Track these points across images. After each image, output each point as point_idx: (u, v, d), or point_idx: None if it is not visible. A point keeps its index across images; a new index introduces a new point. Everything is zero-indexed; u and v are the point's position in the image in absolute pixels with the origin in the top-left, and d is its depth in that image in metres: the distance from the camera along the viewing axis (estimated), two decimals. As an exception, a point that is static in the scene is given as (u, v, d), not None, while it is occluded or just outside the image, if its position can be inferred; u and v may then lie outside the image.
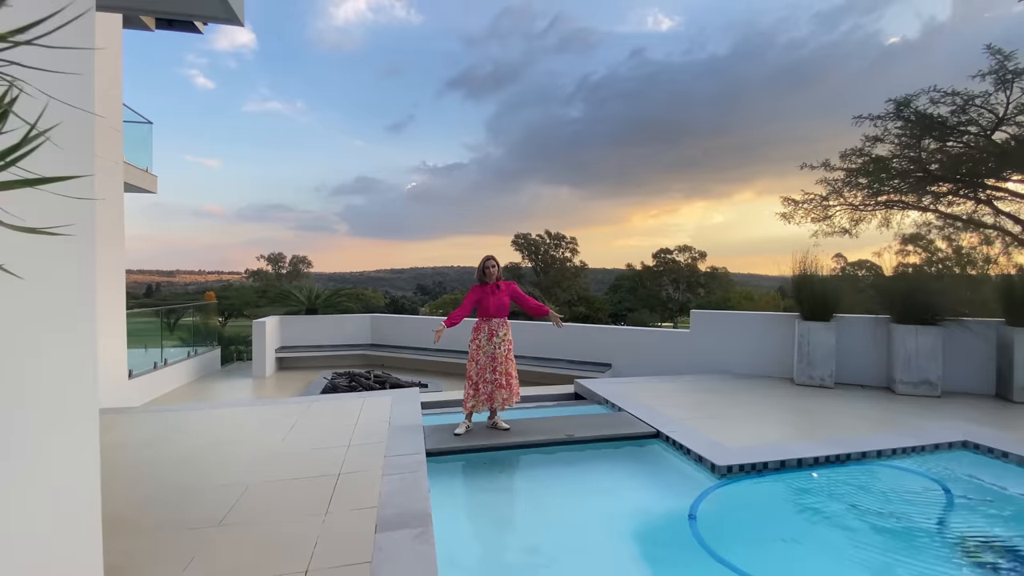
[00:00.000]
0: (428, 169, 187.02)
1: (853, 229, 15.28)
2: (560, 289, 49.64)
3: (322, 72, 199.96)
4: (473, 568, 2.99)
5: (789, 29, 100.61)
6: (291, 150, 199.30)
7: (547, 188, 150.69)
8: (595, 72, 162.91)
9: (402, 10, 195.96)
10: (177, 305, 10.89)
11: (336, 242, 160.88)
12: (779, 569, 2.89)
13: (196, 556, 2.65)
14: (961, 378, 6.55)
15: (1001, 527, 3.41)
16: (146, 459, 4.16)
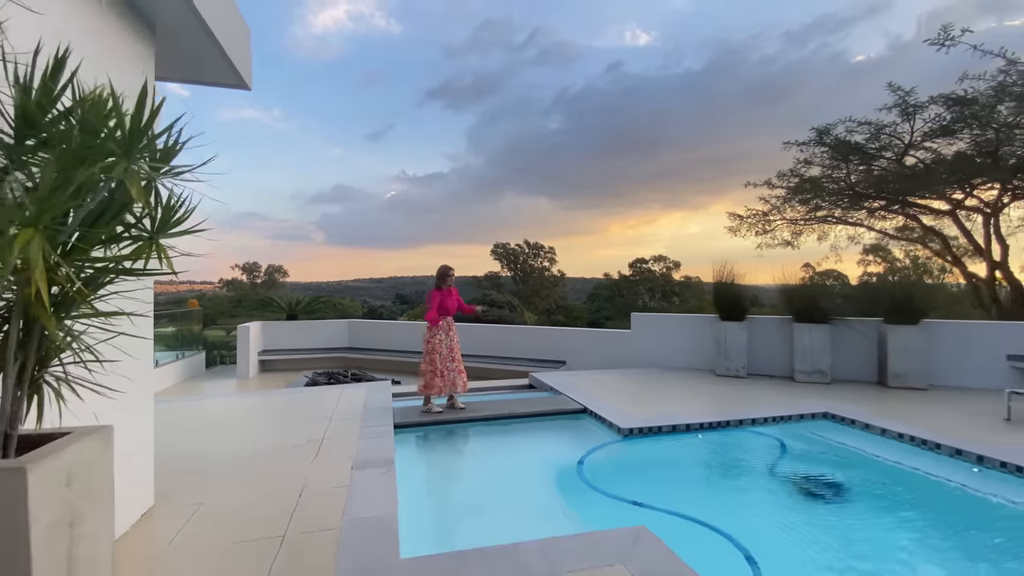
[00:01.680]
0: (408, 178, 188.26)
1: (795, 241, 16.87)
2: (539, 298, 50.76)
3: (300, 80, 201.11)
4: (424, 497, 3.99)
5: (760, 46, 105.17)
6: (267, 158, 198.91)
7: (527, 198, 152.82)
8: (574, 85, 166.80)
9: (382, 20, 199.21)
10: (166, 312, 11.60)
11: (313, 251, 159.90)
12: (647, 494, 3.96)
13: (219, 491, 3.60)
14: (851, 368, 7.82)
15: (828, 468, 4.56)
16: (166, 431, 5.05)
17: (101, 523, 1.80)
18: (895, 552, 3.23)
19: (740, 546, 2.96)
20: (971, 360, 7.30)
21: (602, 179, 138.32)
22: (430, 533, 3.34)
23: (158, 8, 3.15)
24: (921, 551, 3.26)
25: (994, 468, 4.24)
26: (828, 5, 50.01)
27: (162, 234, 1.81)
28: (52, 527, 1.55)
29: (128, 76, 3.03)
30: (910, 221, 15.20)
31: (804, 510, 3.80)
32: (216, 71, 3.94)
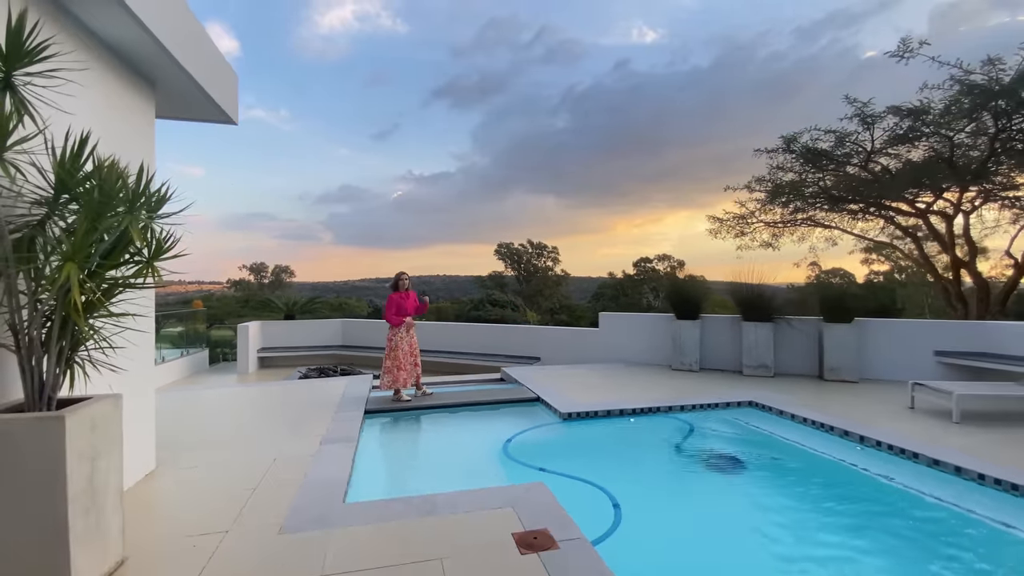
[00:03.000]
0: (414, 178, 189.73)
1: (775, 243, 17.50)
2: (542, 297, 51.39)
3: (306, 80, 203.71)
4: (381, 466, 4.76)
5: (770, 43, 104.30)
6: (275, 159, 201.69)
7: (533, 197, 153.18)
8: (580, 83, 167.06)
9: (388, 20, 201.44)
10: (172, 312, 12.48)
11: (320, 251, 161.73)
12: (563, 464, 4.70)
13: (210, 459, 4.40)
14: (794, 363, 8.51)
15: (736, 447, 5.27)
16: (172, 415, 5.87)
17: (113, 460, 2.58)
18: (752, 507, 3.95)
19: (611, 496, 3.71)
20: (902, 356, 7.96)
21: (608, 177, 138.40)
22: (379, 490, 4.08)
23: (157, 70, 3.93)
24: (781, 509, 3.97)
25: (871, 447, 4.94)
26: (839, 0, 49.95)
27: (155, 259, 2.59)
28: (80, 457, 2.33)
29: (135, 120, 3.84)
30: (887, 223, 15.80)
31: (692, 476, 4.52)
32: (206, 111, 4.74)
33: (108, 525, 2.54)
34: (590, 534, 3.20)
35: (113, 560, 2.58)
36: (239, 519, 3.19)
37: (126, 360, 3.30)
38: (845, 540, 3.46)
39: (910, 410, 6.07)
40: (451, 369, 10.80)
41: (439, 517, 3.20)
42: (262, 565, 2.68)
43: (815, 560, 3.21)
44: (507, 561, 2.68)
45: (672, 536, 3.48)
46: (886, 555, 3.30)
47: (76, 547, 2.28)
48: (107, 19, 3.17)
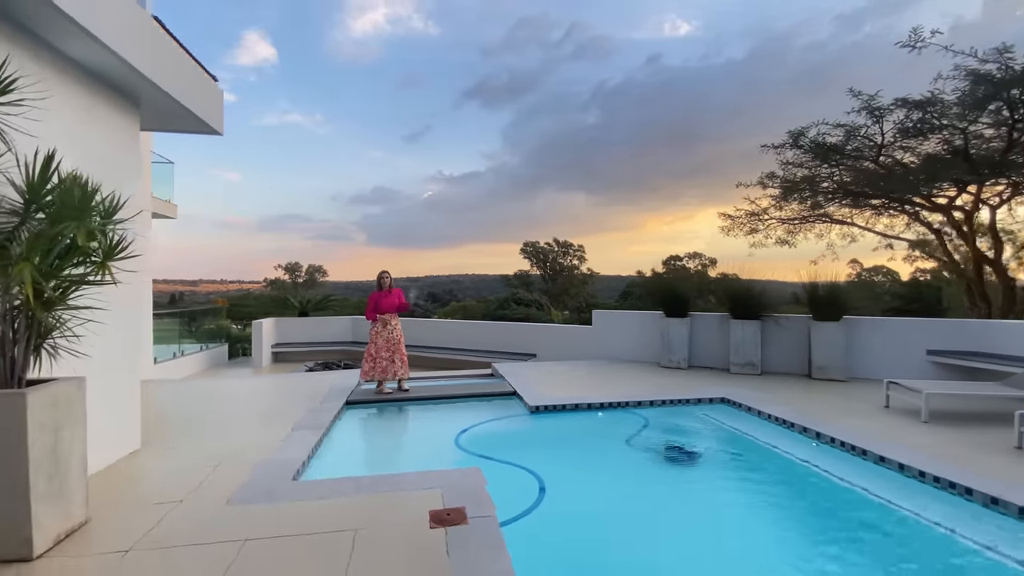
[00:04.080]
0: (444, 178, 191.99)
1: (791, 240, 17.13)
2: (568, 296, 51.40)
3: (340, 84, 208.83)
4: (345, 451, 5.09)
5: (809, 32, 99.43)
6: (310, 161, 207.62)
7: (562, 195, 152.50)
8: (611, 79, 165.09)
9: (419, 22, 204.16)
10: (193, 309, 13.28)
11: (355, 251, 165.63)
12: (517, 454, 4.93)
13: (190, 441, 4.84)
14: (783, 361, 8.46)
15: (697, 441, 5.38)
16: (174, 402, 6.40)
17: (76, 433, 2.98)
18: (688, 496, 4.11)
19: (540, 481, 3.94)
20: (893, 354, 7.83)
21: (639, 174, 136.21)
22: (334, 472, 4.38)
23: (140, 91, 4.37)
24: (714, 500, 4.10)
25: (826, 443, 4.98)
26: (885, -16, 46.98)
27: (108, 259, 2.98)
28: (42, 429, 2.73)
29: (116, 136, 4.29)
30: (912, 219, 15.28)
31: (638, 466, 4.69)
32: (189, 124, 5.20)
33: (72, 489, 2.94)
34: (510, 512, 3.45)
35: (77, 520, 2.99)
36: (196, 491, 3.58)
37: (111, 351, 3.74)
38: (761, 529, 3.59)
39: (884, 409, 6.03)
40: (450, 365, 11.14)
41: (374, 495, 3.51)
42: (200, 529, 3.04)
43: (724, 547, 3.36)
44: (414, 533, 2.95)
45: (590, 516, 3.68)
46: (794, 544, 3.41)
47: (37, 504, 2.68)
48: (84, 50, 3.59)
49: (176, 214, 11.76)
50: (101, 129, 4.08)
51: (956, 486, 3.78)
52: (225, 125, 5.53)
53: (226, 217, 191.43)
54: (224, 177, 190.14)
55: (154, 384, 7.83)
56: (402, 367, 6.90)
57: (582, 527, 3.53)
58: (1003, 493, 3.52)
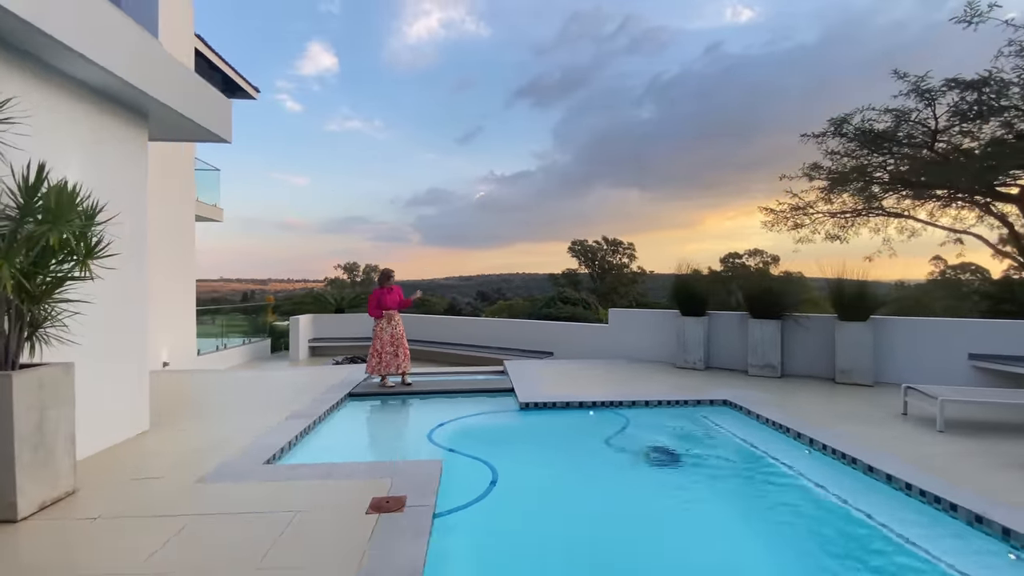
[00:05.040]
0: (495, 178, 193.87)
1: (843, 235, 16.01)
2: (617, 295, 50.48)
3: (398, 90, 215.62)
4: (330, 439, 5.31)
5: (888, 10, 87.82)
6: (369, 165, 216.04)
7: (614, 192, 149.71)
8: (667, 71, 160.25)
9: (472, 24, 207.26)
10: (236, 305, 14.26)
11: (411, 252, 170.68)
12: (492, 450, 4.98)
13: (197, 425, 5.27)
14: (806, 364, 7.98)
15: (687, 443, 5.22)
16: (201, 386, 6.97)
17: (63, 412, 3.36)
18: (657, 496, 4.02)
19: (495, 474, 3.99)
20: (929, 358, 7.20)
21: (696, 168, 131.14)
22: (311, 458, 4.62)
23: (148, 106, 4.81)
24: (687, 502, 3.98)
25: (818, 450, 4.69)
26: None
27: (88, 258, 3.33)
28: (29, 407, 3.10)
29: (124, 148, 4.74)
30: (982, 211, 13.90)
31: (611, 465, 4.62)
32: (196, 134, 5.66)
33: (57, 462, 3.33)
34: (457, 501, 3.55)
35: (63, 489, 3.37)
36: (177, 469, 3.92)
37: (119, 343, 4.18)
38: (721, 535, 3.47)
39: (901, 416, 5.59)
40: (467, 361, 11.34)
41: (330, 480, 3.70)
42: (164, 503, 3.34)
43: (670, 551, 3.28)
44: (349, 518, 3.10)
45: (540, 511, 3.70)
46: (751, 552, 3.28)
47: (22, 474, 3.05)
48: (88, 73, 4.01)
49: (222, 217, 12.69)
50: (111, 143, 4.53)
51: (941, 501, 3.48)
52: (291, 132, 6.05)
53: (292, 219, 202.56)
54: (292, 182, 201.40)
55: (192, 374, 8.53)
56: (404, 360, 7.14)
57: (526, 520, 3.56)
58: (987, 511, 3.21)
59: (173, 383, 7.44)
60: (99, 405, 4.29)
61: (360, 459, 4.49)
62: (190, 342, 10.45)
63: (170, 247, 9.87)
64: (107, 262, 3.52)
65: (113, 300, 4.41)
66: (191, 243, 10.70)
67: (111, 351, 4.46)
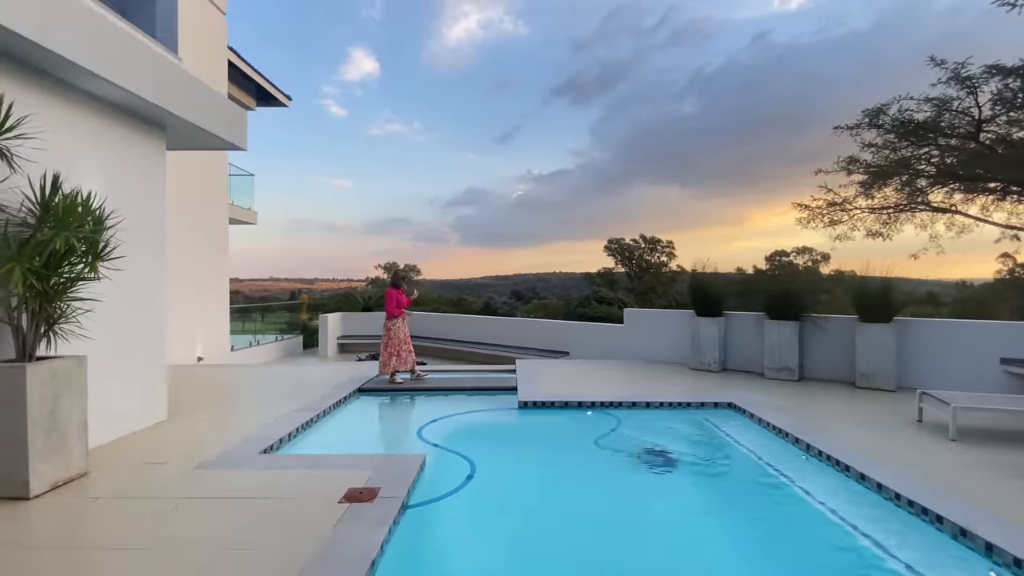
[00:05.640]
0: (533, 177, 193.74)
1: (886, 232, 15.16)
2: (655, 295, 49.43)
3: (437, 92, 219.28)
4: (328, 432, 5.54)
5: None
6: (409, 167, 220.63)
7: (654, 189, 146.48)
8: (710, 63, 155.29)
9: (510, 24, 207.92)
10: (270, 304, 14.95)
11: (449, 251, 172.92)
12: (479, 443, 5.07)
13: (213, 415, 5.63)
14: (826, 367, 7.66)
15: (683, 446, 5.14)
16: (224, 380, 7.41)
17: (75, 401, 3.69)
18: (638, 499, 4.00)
19: (473, 467, 4.09)
20: (958, 363, 6.77)
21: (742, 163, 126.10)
22: (305, 449, 4.84)
23: (166, 119, 5.18)
24: (672, 505, 3.96)
25: (814, 456, 4.53)
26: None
27: (97, 260, 3.65)
28: (43, 396, 3.44)
29: (145, 154, 5.12)
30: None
31: (603, 466, 4.61)
32: (212, 143, 6.01)
33: (70, 446, 3.66)
34: (434, 494, 3.68)
35: (75, 471, 3.71)
36: (181, 456, 4.22)
37: (138, 341, 4.57)
38: (699, 538, 3.44)
39: (916, 424, 5.30)
40: (484, 359, 11.48)
41: (315, 470, 3.89)
42: (161, 486, 3.62)
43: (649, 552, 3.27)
44: (321, 505, 3.27)
45: (515, 506, 3.76)
46: (721, 556, 3.23)
47: (35, 456, 3.39)
48: (107, 90, 4.37)
49: (256, 220, 13.36)
50: (130, 155, 4.90)
51: (928, 512, 3.31)
52: (336, 137, 6.39)
53: (337, 221, 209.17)
54: (336, 185, 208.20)
55: (223, 368, 9.06)
56: (410, 356, 7.38)
57: (495, 513, 3.64)
58: (972, 524, 3.04)
59: (202, 376, 7.93)
60: (118, 397, 4.67)
61: (352, 451, 4.67)
62: (223, 338, 11.08)
63: (204, 249, 10.50)
64: (126, 266, 3.84)
65: (132, 301, 4.79)
66: (224, 245, 11.32)
67: (130, 348, 4.84)
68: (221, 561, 2.66)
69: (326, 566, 2.58)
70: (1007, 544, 2.82)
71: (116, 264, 3.89)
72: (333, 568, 2.56)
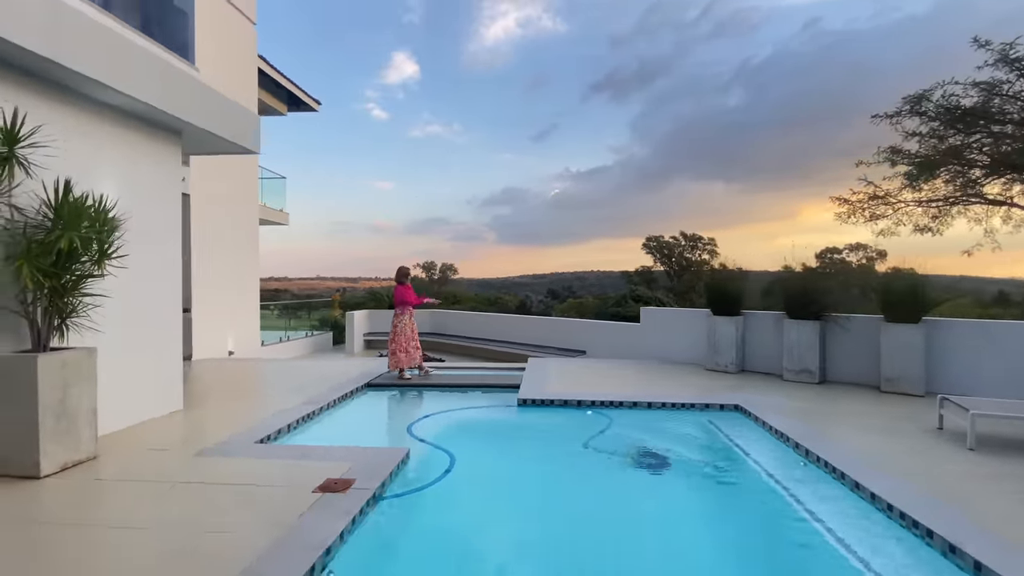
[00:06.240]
0: (571, 175, 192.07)
1: (936, 226, 14.19)
2: (695, 293, 48.20)
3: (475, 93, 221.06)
4: (328, 425, 5.71)
5: None
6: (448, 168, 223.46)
7: (696, 185, 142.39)
8: (757, 54, 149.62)
9: (548, 21, 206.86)
10: (300, 301, 15.54)
11: (486, 250, 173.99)
12: (467, 439, 5.11)
13: (225, 406, 5.93)
14: (850, 370, 7.26)
15: (681, 448, 5.00)
16: (245, 372, 7.80)
17: (84, 389, 3.98)
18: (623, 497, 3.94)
19: (453, 460, 4.14)
20: (996, 367, 6.28)
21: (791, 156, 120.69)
22: (302, 440, 5.02)
23: (182, 127, 5.49)
24: (657, 507, 3.88)
25: (812, 462, 4.32)
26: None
27: (103, 260, 3.93)
28: (53, 384, 3.73)
29: (160, 159, 5.44)
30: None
31: (592, 466, 4.56)
32: (226, 148, 6.31)
33: (79, 431, 3.95)
34: (409, 487, 3.76)
35: (84, 454, 4.00)
36: (184, 444, 4.48)
37: (157, 336, 4.92)
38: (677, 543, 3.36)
39: (935, 431, 4.96)
40: (502, 357, 11.52)
41: (302, 461, 4.05)
42: (159, 470, 3.86)
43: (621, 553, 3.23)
44: (296, 494, 3.40)
45: (485, 499, 3.79)
46: (699, 562, 3.15)
47: (44, 438, 3.68)
48: (119, 99, 4.68)
49: (287, 221, 13.92)
50: (145, 161, 5.22)
51: (919, 526, 3.10)
52: (378, 140, 6.64)
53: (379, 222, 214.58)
54: (378, 186, 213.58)
55: (251, 362, 9.51)
56: (416, 352, 7.53)
57: (467, 507, 3.68)
58: (963, 541, 2.82)
59: (229, 370, 8.36)
60: (133, 387, 5.00)
61: (345, 444, 4.82)
62: (254, 334, 11.62)
63: (236, 249, 11.03)
64: (141, 266, 4.12)
65: (147, 299, 5.11)
66: (255, 245, 11.86)
67: (145, 342, 5.16)
68: (195, 542, 2.81)
69: (281, 551, 2.69)
70: (996, 565, 2.61)
71: (133, 264, 4.19)
72: (287, 554, 2.67)
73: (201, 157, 9.36)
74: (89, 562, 2.65)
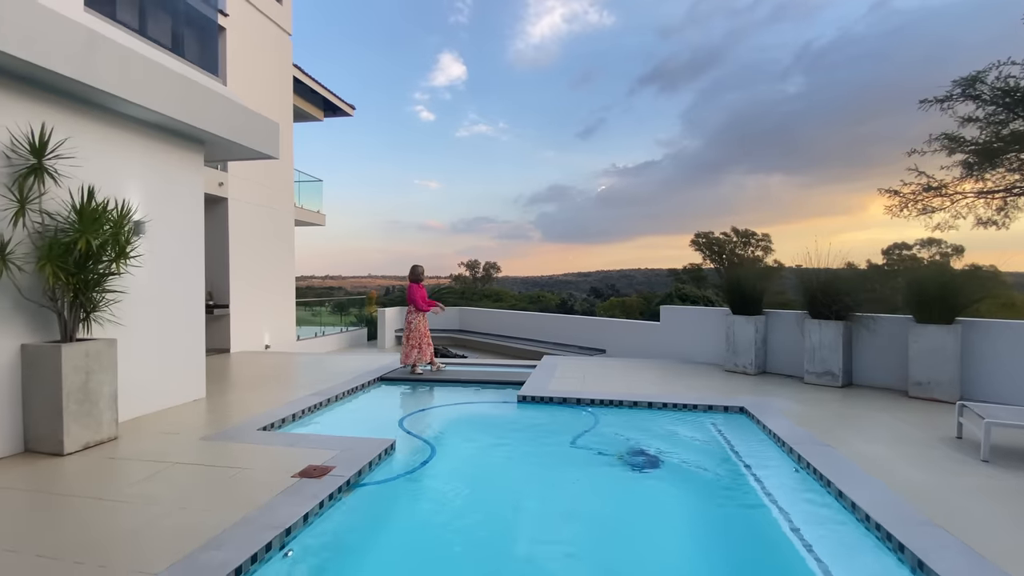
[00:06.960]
0: (618, 171, 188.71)
1: (1001, 219, 13.02)
2: (748, 291, 46.53)
3: (521, 91, 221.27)
4: (332, 415, 5.98)
5: None
6: (494, 167, 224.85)
7: (752, 178, 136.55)
8: (820, 37, 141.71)
9: (595, 14, 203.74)
10: (338, 299, 16.21)
11: (531, 249, 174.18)
12: (457, 434, 5.21)
13: (244, 396, 6.35)
14: (880, 373, 6.83)
15: (677, 449, 4.91)
16: (274, 364, 8.30)
17: (106, 376, 4.41)
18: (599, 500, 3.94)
19: (433, 452, 4.26)
20: (1041, 373, 5.72)
21: (857, 145, 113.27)
22: (305, 429, 5.30)
23: (205, 136, 5.92)
24: (638, 509, 3.86)
25: (803, 468, 4.14)
26: None
27: (121, 259, 4.34)
28: (76, 369, 4.16)
29: (184, 166, 5.89)
30: None
31: (574, 463, 4.56)
32: (248, 154, 6.72)
33: (100, 414, 4.38)
34: (388, 475, 3.93)
35: (105, 435, 4.43)
36: (192, 428, 4.85)
37: (182, 331, 5.35)
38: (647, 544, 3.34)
39: (953, 440, 4.61)
40: (522, 354, 11.59)
41: (292, 448, 4.30)
42: (164, 452, 4.21)
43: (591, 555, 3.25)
44: (277, 478, 3.64)
45: (461, 490, 3.87)
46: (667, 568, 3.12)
47: (68, 419, 4.11)
48: (142, 112, 5.12)
49: (324, 222, 14.57)
50: (166, 169, 5.68)
51: (892, 539, 2.93)
52: (426, 140, 7.01)
53: (427, 221, 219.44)
54: (427, 187, 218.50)
55: (284, 355, 10.07)
56: (428, 348, 7.76)
57: (440, 500, 3.78)
58: (932, 557, 2.65)
59: (260, 362, 8.91)
60: (156, 376, 5.46)
61: (344, 434, 5.06)
62: (290, 329, 12.27)
63: (272, 248, 11.69)
64: (165, 265, 4.52)
65: (170, 296, 5.56)
66: (291, 244, 12.51)
67: (169, 335, 5.62)
68: (170, 516, 3.08)
69: (244, 528, 2.90)
70: (964, 580, 2.45)
71: (158, 262, 4.64)
72: (249, 531, 2.87)
73: (238, 164, 9.99)
74: (66, 528, 2.94)
